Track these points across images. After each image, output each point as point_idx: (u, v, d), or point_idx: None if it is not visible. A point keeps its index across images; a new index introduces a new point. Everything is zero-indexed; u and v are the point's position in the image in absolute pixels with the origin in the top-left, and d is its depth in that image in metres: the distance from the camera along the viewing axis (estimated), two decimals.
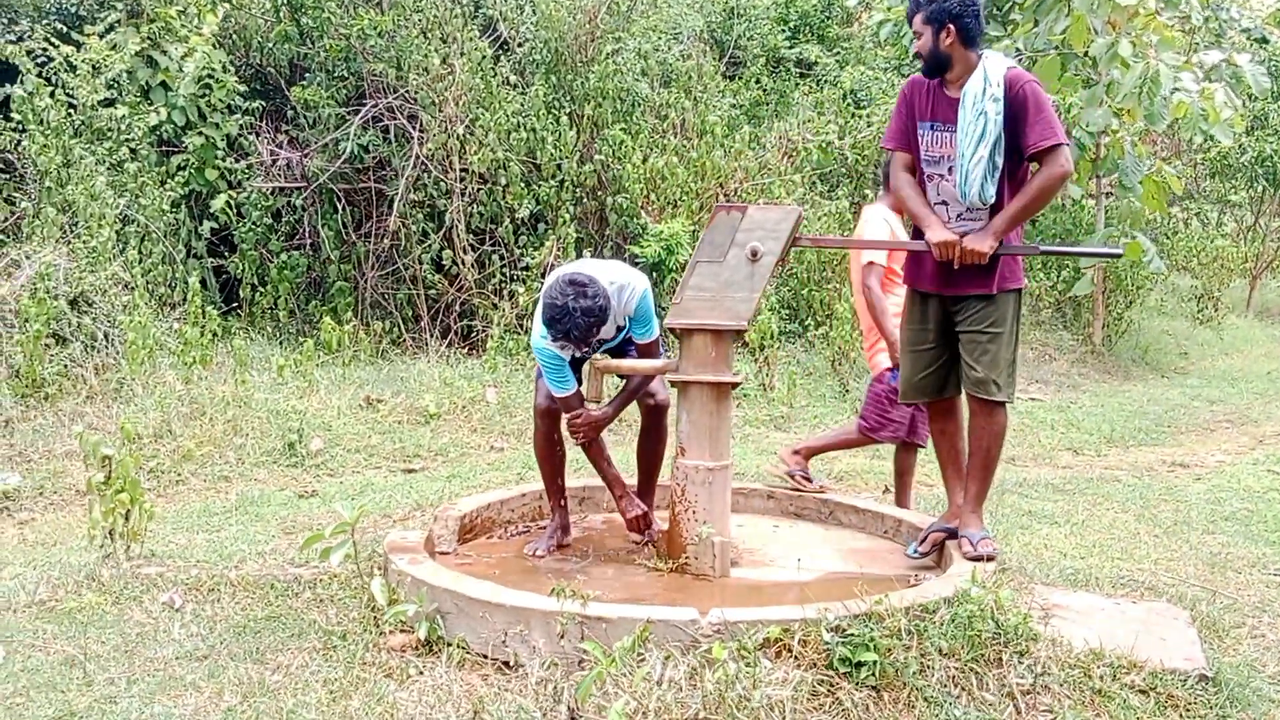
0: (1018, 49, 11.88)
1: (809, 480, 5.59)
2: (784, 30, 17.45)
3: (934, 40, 4.16)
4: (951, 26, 4.14)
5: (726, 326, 4.23)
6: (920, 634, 3.49)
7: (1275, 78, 16.30)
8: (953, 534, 4.51)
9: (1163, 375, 12.02)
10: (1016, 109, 4.09)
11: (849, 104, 12.91)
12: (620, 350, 4.73)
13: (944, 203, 4.27)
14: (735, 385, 4.32)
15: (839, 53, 17.80)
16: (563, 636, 3.38)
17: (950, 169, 4.23)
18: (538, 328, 4.40)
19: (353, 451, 7.22)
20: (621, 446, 5.85)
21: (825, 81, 15.62)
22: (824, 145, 11.01)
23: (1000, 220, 4.16)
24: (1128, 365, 12.06)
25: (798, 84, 14.90)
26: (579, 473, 5.68)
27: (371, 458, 7.19)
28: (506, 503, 4.95)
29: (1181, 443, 8.79)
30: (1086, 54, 10.70)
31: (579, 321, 4.14)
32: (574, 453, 4.90)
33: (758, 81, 14.14)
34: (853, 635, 3.42)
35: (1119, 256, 4.89)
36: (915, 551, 4.59)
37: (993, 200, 4.17)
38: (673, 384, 4.37)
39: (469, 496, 5.14)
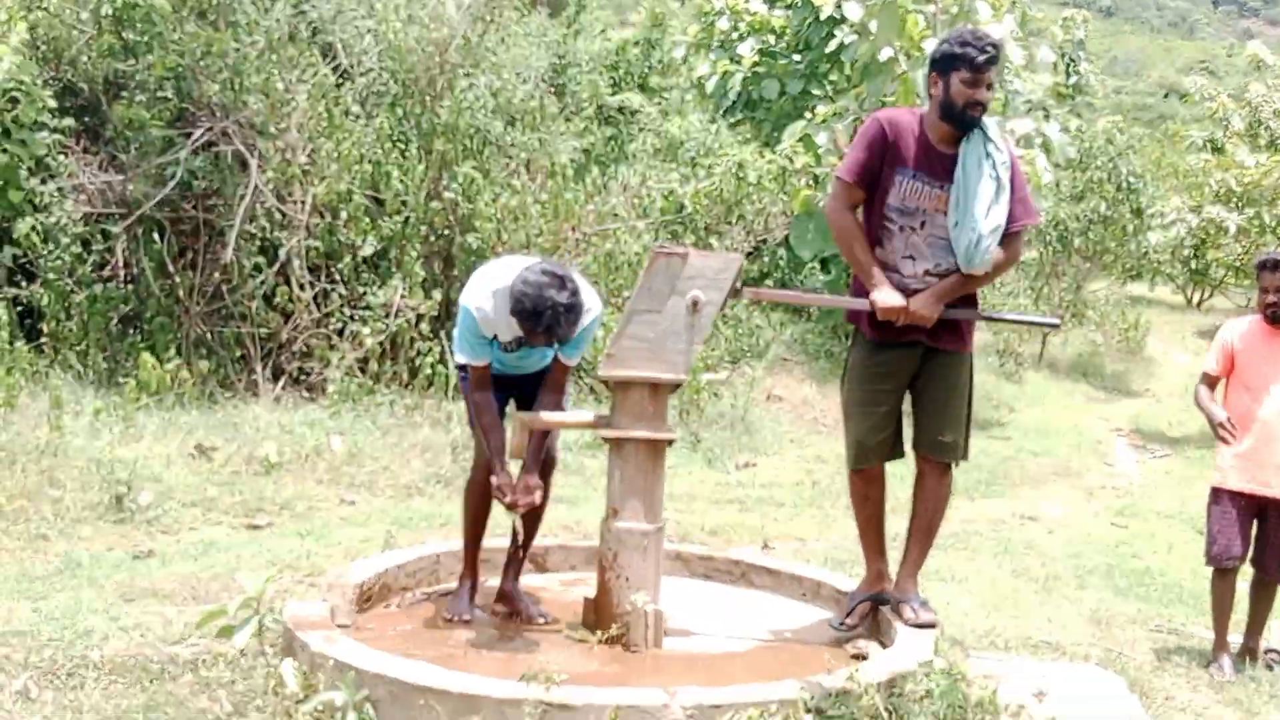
0: (848, 108, 12.22)
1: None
2: (606, 77, 17.47)
3: (988, 95, 4.02)
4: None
5: (665, 379, 3.98)
6: (897, 712, 3.31)
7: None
8: (880, 601, 4.36)
9: (981, 428, 12.43)
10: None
11: (685, 153, 12.97)
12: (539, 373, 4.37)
13: (911, 257, 4.11)
14: (670, 442, 4.06)
15: (660, 102, 17.95)
16: None
17: (923, 223, 4.08)
18: (477, 292, 4.06)
19: (188, 505, 6.53)
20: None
21: (647, 129, 15.68)
22: (668, 194, 10.96)
23: (947, 285, 4.07)
24: None
25: (628, 132, 14.89)
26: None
27: (210, 512, 6.51)
28: (404, 567, 4.50)
29: (1019, 495, 9.06)
30: None
31: (561, 315, 3.77)
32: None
33: (588, 128, 14.03)
34: (832, 716, 3.20)
35: (1057, 327, 4.99)
36: (840, 625, 4.35)
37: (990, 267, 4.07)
38: (605, 440, 4.07)
39: (361, 560, 4.65)
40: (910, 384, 4.28)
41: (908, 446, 4.43)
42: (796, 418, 10.93)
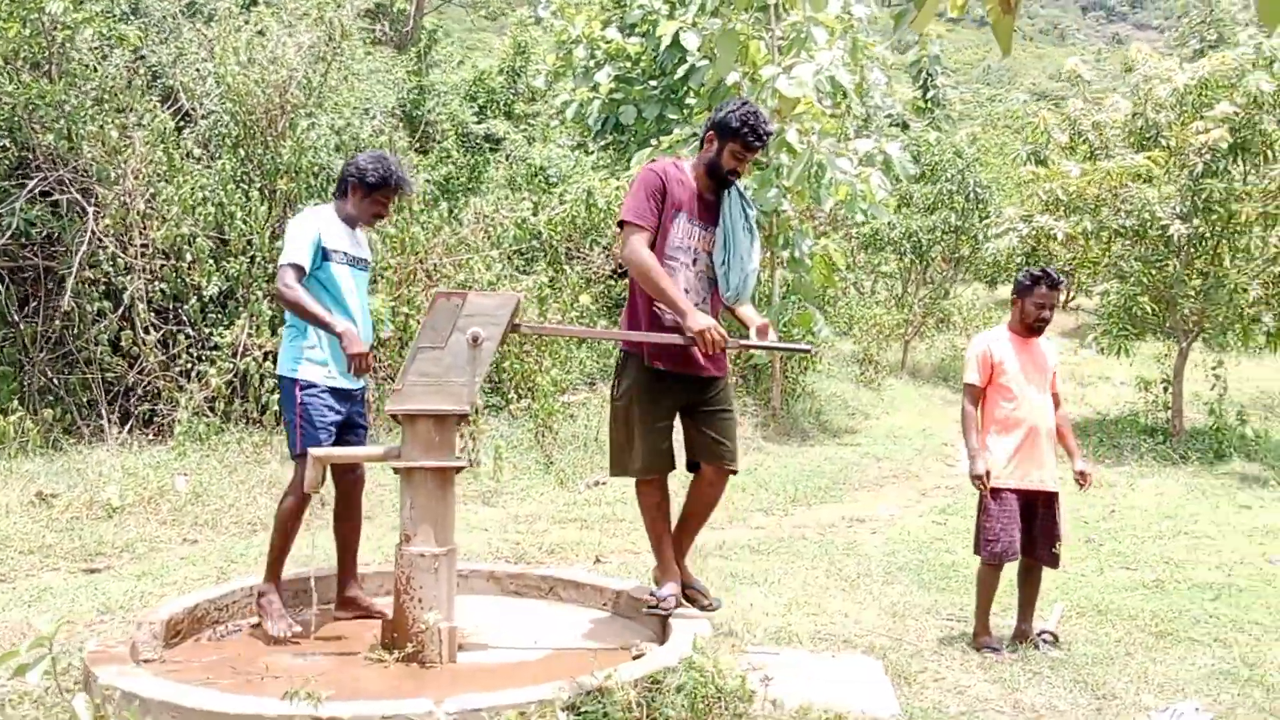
0: (695, 133, 12.65)
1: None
2: (472, 106, 17.71)
3: (747, 168, 4.66)
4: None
5: (449, 411, 4.26)
6: (650, 705, 3.63)
7: (917, 161, 18.15)
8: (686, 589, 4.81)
9: (834, 436, 12.97)
10: None
11: (540, 181, 13.26)
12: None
13: (687, 290, 4.58)
14: (459, 469, 4.35)
15: (525, 129, 18.24)
16: None
17: (695, 260, 4.59)
18: (302, 214, 4.77)
19: (25, 553, 6.61)
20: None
21: (515, 157, 15.96)
22: (520, 221, 11.24)
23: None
24: (805, 427, 12.94)
25: (488, 159, 15.16)
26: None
27: (48, 558, 6.61)
28: (215, 601, 4.70)
29: (857, 499, 9.52)
30: None
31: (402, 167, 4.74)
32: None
33: (449, 156, 14.26)
34: (587, 712, 3.51)
35: (808, 352, 5.47)
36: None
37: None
38: (395, 470, 4.34)
39: (172, 598, 4.84)
40: (682, 407, 4.71)
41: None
42: None
